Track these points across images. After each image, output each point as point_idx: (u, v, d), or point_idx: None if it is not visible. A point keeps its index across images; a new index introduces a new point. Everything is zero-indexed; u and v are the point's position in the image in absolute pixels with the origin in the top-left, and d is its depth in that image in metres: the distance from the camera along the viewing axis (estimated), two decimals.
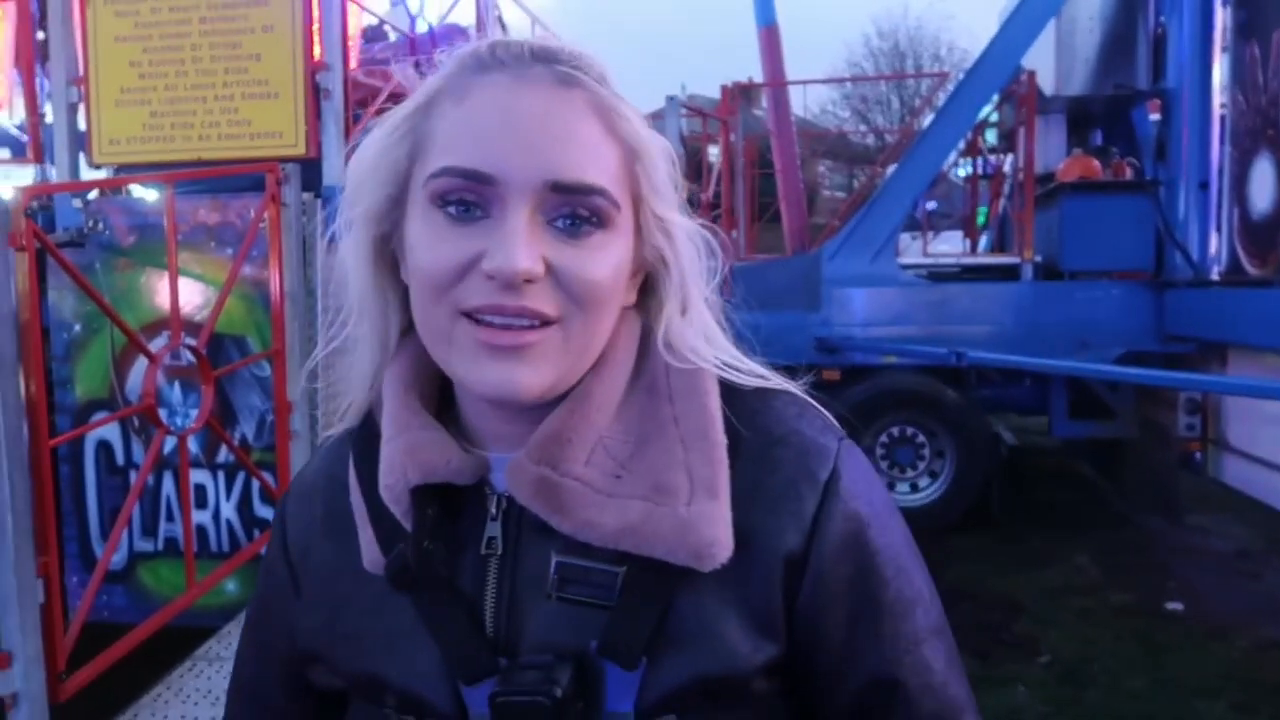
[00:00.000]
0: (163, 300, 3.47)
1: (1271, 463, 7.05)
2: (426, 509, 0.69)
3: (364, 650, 0.72)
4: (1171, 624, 5.12)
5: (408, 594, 0.70)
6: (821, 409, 0.76)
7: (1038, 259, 7.12)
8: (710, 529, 0.65)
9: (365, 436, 0.76)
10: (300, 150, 3.43)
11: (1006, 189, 9.12)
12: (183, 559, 3.50)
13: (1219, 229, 7.28)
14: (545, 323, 0.66)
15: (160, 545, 3.63)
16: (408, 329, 0.75)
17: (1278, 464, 6.98)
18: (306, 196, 3.40)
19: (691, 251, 0.74)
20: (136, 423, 3.53)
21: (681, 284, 0.74)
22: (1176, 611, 5.32)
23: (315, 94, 3.43)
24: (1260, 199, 6.90)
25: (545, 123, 0.65)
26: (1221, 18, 7.17)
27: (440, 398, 0.75)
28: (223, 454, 3.54)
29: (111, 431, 3.58)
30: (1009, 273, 7.20)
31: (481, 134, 0.65)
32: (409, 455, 0.70)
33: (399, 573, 0.69)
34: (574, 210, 0.66)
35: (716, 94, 8.93)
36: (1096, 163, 7.61)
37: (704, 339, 0.74)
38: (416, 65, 3.05)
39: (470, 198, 0.66)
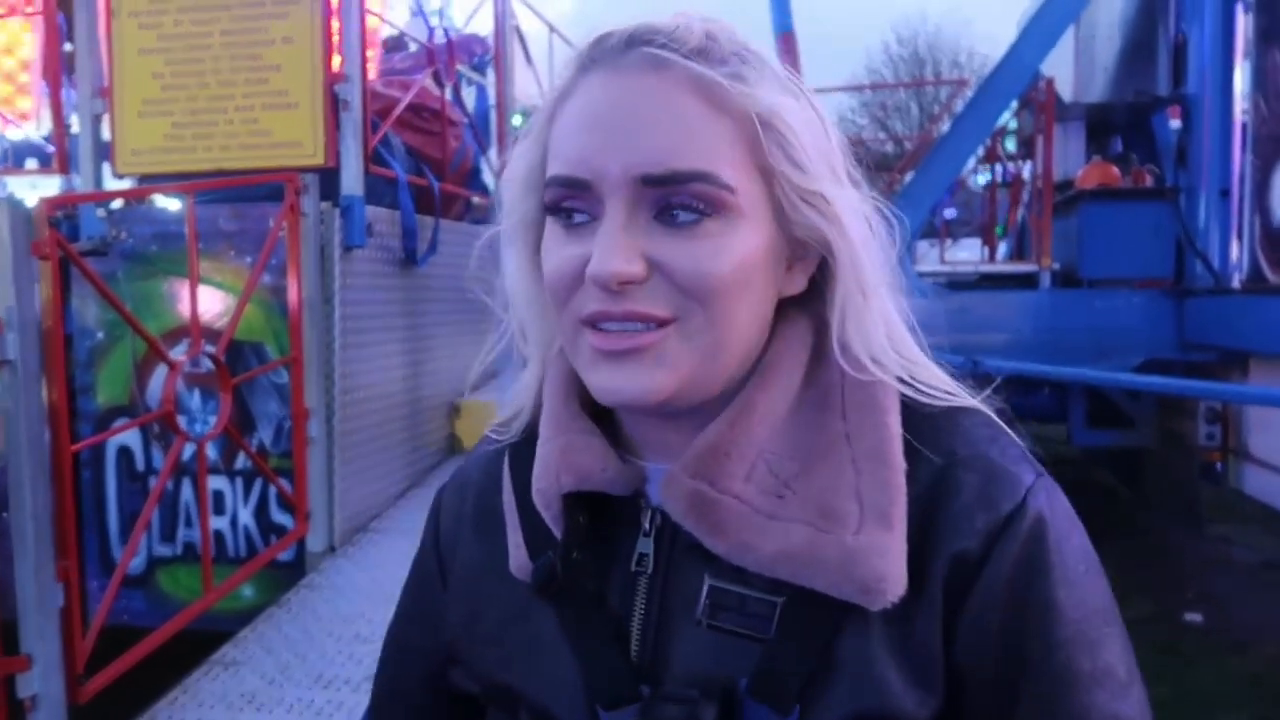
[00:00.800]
0: (183, 308, 3.52)
1: None
2: (578, 517, 0.66)
3: (502, 658, 0.70)
4: (1192, 635, 5.07)
5: (552, 604, 0.67)
6: (1018, 439, 0.67)
7: (1056, 266, 7.08)
8: (880, 562, 0.58)
9: (524, 440, 0.73)
10: (319, 160, 3.47)
11: (1025, 196, 9.08)
12: (200, 564, 3.55)
13: (1240, 236, 7.21)
14: (661, 324, 0.61)
15: (179, 550, 3.67)
16: None
17: None
18: (325, 206, 3.43)
19: (863, 230, 0.65)
20: (157, 429, 3.58)
21: (854, 270, 0.65)
22: (1197, 622, 5.27)
23: (334, 104, 3.47)
24: None
25: (633, 114, 0.61)
26: (1243, 24, 7.11)
27: (598, 402, 0.70)
28: (240, 460, 3.58)
29: (132, 438, 3.63)
30: (1027, 280, 7.17)
31: (577, 138, 0.63)
32: (564, 458, 0.67)
33: (545, 581, 0.66)
34: (672, 201, 0.61)
35: None
36: (1116, 170, 7.56)
37: (885, 341, 0.66)
38: (435, 76, 3.11)
39: (576, 204, 0.63)
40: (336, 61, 3.48)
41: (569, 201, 0.63)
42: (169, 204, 3.70)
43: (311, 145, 3.47)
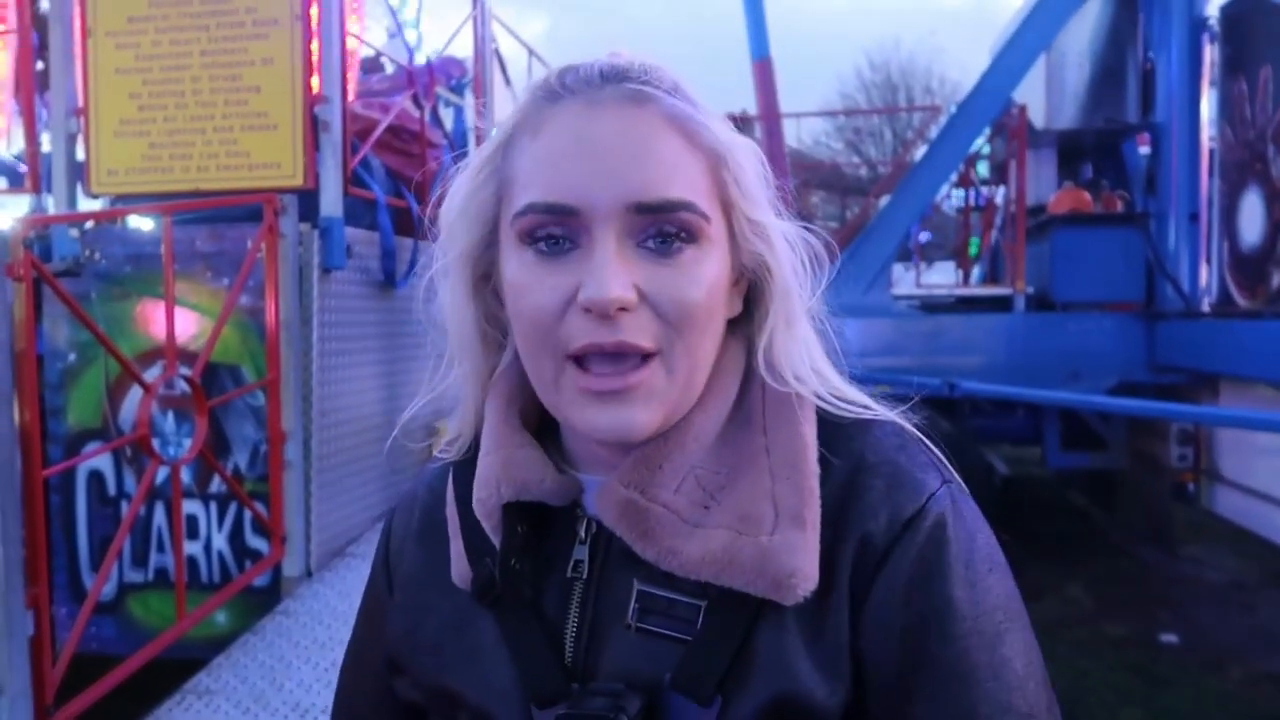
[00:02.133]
0: (156, 329, 3.48)
1: (1265, 494, 7.06)
2: (517, 526, 0.69)
3: (443, 664, 0.72)
4: (1167, 656, 5.10)
5: (491, 611, 0.70)
6: (931, 446, 0.70)
7: (1030, 290, 7.16)
8: (791, 558, 0.62)
9: (467, 457, 0.76)
10: (298, 181, 3.45)
11: (998, 220, 9.20)
12: (173, 590, 3.49)
13: (1209, 261, 7.34)
14: (646, 358, 0.64)
15: (150, 576, 3.60)
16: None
17: (1271, 495, 6.99)
18: (303, 227, 3.41)
19: (791, 256, 0.70)
20: (129, 452, 3.52)
21: (784, 293, 0.70)
22: (1171, 643, 5.31)
23: (314, 126, 3.45)
24: (1249, 231, 6.96)
25: (621, 144, 0.64)
26: (1209, 53, 7.28)
27: (538, 418, 0.74)
28: (215, 484, 3.53)
29: (104, 461, 3.57)
30: (1001, 304, 7.25)
31: (559, 165, 0.64)
32: (504, 470, 0.70)
33: (484, 589, 0.70)
34: (661, 229, 0.64)
35: None
36: (1087, 195, 7.69)
37: (806, 359, 0.71)
38: (415, 98, 3.09)
39: (557, 231, 0.65)
40: (316, 83, 3.47)
41: (549, 229, 0.64)
42: (143, 224, 3.66)
43: (291, 166, 3.46)
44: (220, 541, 3.56)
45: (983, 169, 9.51)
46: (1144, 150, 8.03)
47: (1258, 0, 6.36)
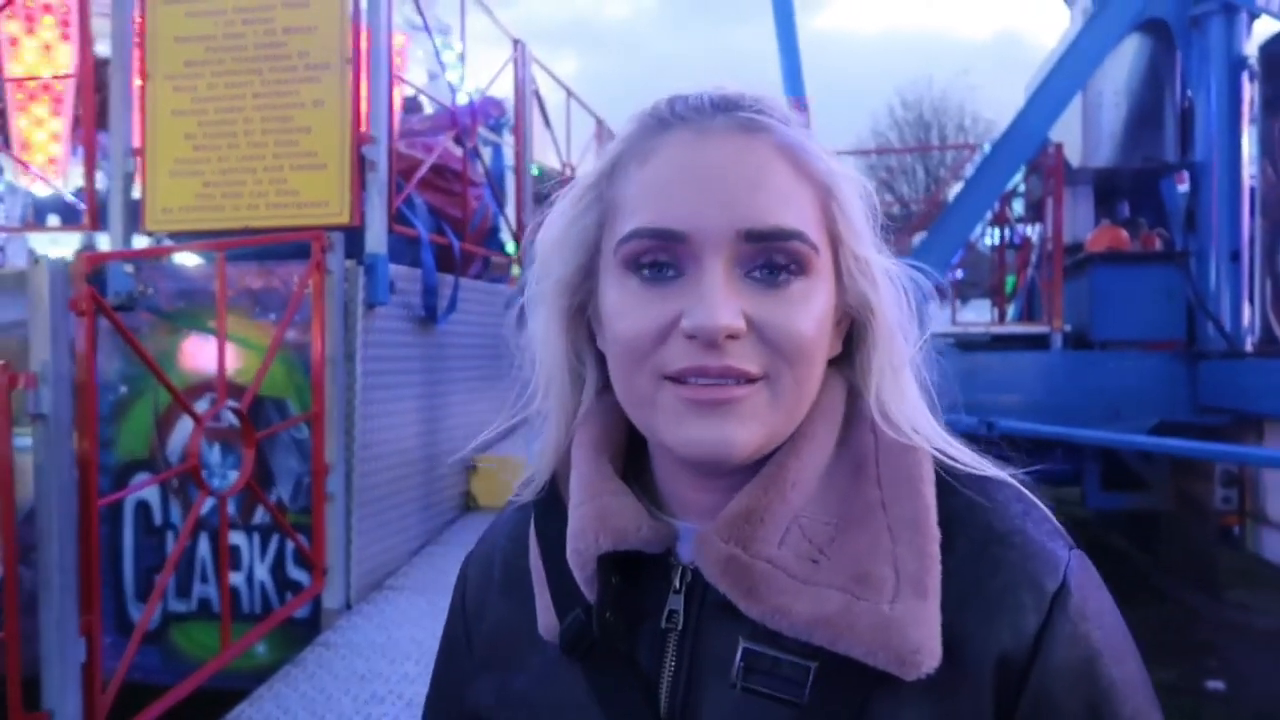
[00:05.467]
0: (202, 363, 3.56)
1: None
2: (611, 577, 0.66)
3: (531, 718, 0.70)
4: (1214, 703, 4.98)
5: (581, 664, 0.67)
6: (1048, 511, 0.67)
7: (1068, 328, 7.11)
8: (916, 632, 0.58)
9: (549, 501, 0.74)
10: (345, 219, 3.53)
11: (1034, 258, 9.15)
12: (215, 620, 3.52)
13: (1251, 299, 7.25)
14: (751, 380, 0.62)
15: (194, 606, 3.65)
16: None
17: None
18: (349, 263, 3.48)
19: (896, 296, 0.68)
20: (175, 484, 3.59)
21: (890, 335, 0.67)
22: (1218, 690, 5.18)
23: (361, 165, 3.54)
24: None
25: (733, 172, 0.62)
26: (1249, 91, 7.24)
27: (627, 463, 0.72)
28: (258, 516, 3.58)
29: (150, 492, 3.64)
30: (1038, 342, 7.20)
31: (669, 191, 0.63)
32: (601, 520, 0.67)
33: (575, 641, 0.67)
34: (771, 258, 0.63)
35: None
36: (1125, 233, 7.64)
37: (918, 407, 0.68)
38: (457, 138, 3.17)
39: (663, 258, 0.63)
40: (364, 124, 3.56)
41: (655, 255, 0.63)
42: (189, 259, 3.76)
43: (338, 204, 3.54)
44: (262, 572, 3.60)
45: (1018, 206, 9.49)
46: (1182, 188, 7.99)
47: None
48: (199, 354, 3.62)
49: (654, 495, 0.71)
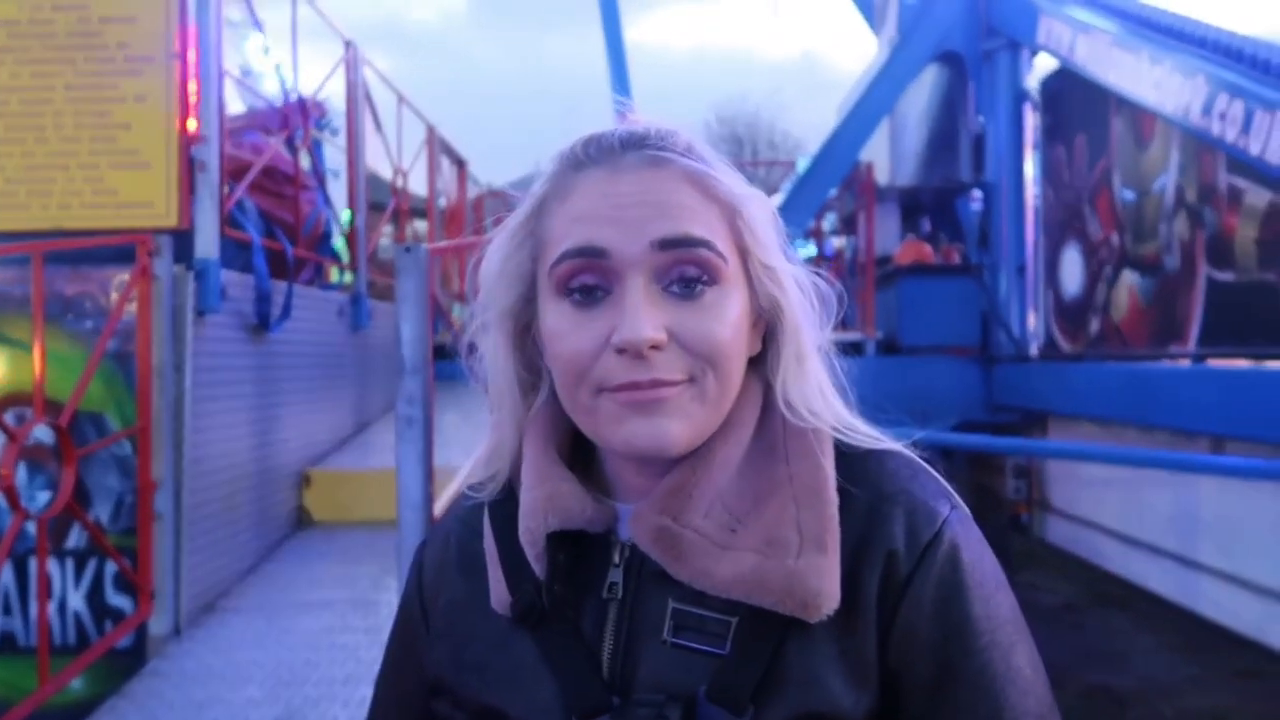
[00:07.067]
0: (4, 376, 3.27)
1: (1090, 521, 7.69)
2: (558, 554, 0.74)
3: (487, 682, 0.77)
4: None
5: (531, 632, 0.75)
6: (936, 475, 0.77)
7: (880, 335, 7.60)
8: (817, 580, 0.68)
9: (504, 494, 0.81)
10: (171, 221, 3.33)
11: (847, 270, 9.73)
12: (19, 656, 3.23)
13: (1036, 309, 8.02)
14: (676, 383, 0.70)
15: None
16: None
17: (1094, 522, 7.61)
18: (178, 269, 3.29)
19: (801, 298, 0.77)
20: None
21: (795, 331, 0.76)
22: None
23: (189, 166, 3.35)
24: (1070, 283, 7.66)
25: (645, 197, 0.71)
26: (1031, 120, 8.02)
27: (571, 453, 0.80)
28: (73, 539, 3.32)
29: None
30: (854, 349, 7.67)
31: (587, 218, 0.71)
32: (549, 502, 0.75)
33: (525, 612, 0.74)
34: (684, 271, 0.71)
35: None
36: (929, 248, 8.26)
37: (819, 394, 0.77)
38: (289, 140, 3.09)
39: (590, 280, 0.71)
40: (193, 123, 3.37)
41: (584, 276, 0.71)
42: None
43: (164, 206, 3.34)
44: (77, 601, 3.33)
45: (829, 221, 10.06)
46: (976, 207, 8.73)
47: (1073, 76, 7.06)
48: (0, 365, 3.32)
49: (599, 482, 0.79)
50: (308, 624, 3.34)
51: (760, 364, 0.79)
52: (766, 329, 0.78)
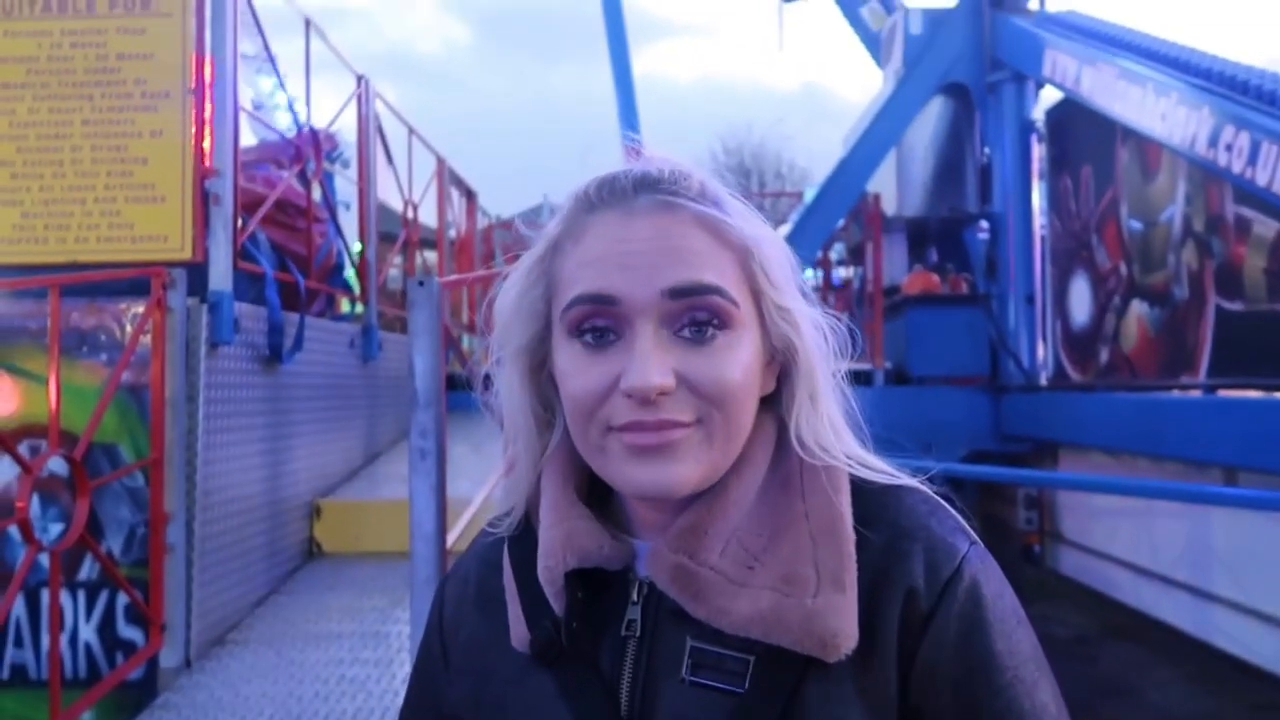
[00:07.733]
0: (20, 408, 3.28)
1: (1102, 552, 7.63)
2: (577, 591, 0.75)
3: (506, 718, 0.77)
4: None
5: (549, 669, 0.75)
6: (954, 511, 0.77)
7: (889, 365, 7.60)
8: (835, 620, 0.68)
9: (522, 530, 0.82)
10: (186, 255, 3.36)
11: (855, 300, 9.75)
12: (30, 689, 3.22)
13: (1045, 338, 8.01)
14: (685, 425, 0.71)
15: (5, 674, 3.32)
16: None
17: (1107, 553, 7.55)
18: (191, 301, 3.32)
19: (817, 338, 0.77)
20: None
21: (809, 372, 0.76)
22: None
23: (204, 199, 3.39)
24: (1079, 312, 7.66)
25: (656, 243, 0.71)
26: (1037, 151, 8.05)
27: (592, 491, 0.80)
28: (84, 571, 3.32)
29: None
30: (863, 378, 7.66)
31: (600, 264, 0.72)
32: (568, 541, 0.75)
33: (544, 649, 0.75)
34: (694, 316, 0.71)
35: None
36: (936, 278, 8.27)
37: (832, 432, 0.77)
38: (301, 173, 3.11)
39: (601, 323, 0.72)
40: (208, 157, 3.41)
41: (595, 320, 0.72)
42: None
43: (179, 239, 3.37)
44: (88, 633, 3.33)
45: (837, 251, 10.09)
46: (983, 237, 8.75)
47: (1077, 107, 7.10)
48: (12, 397, 3.34)
49: (617, 518, 0.80)
50: (317, 656, 3.32)
51: (774, 402, 0.79)
52: (781, 368, 0.78)
